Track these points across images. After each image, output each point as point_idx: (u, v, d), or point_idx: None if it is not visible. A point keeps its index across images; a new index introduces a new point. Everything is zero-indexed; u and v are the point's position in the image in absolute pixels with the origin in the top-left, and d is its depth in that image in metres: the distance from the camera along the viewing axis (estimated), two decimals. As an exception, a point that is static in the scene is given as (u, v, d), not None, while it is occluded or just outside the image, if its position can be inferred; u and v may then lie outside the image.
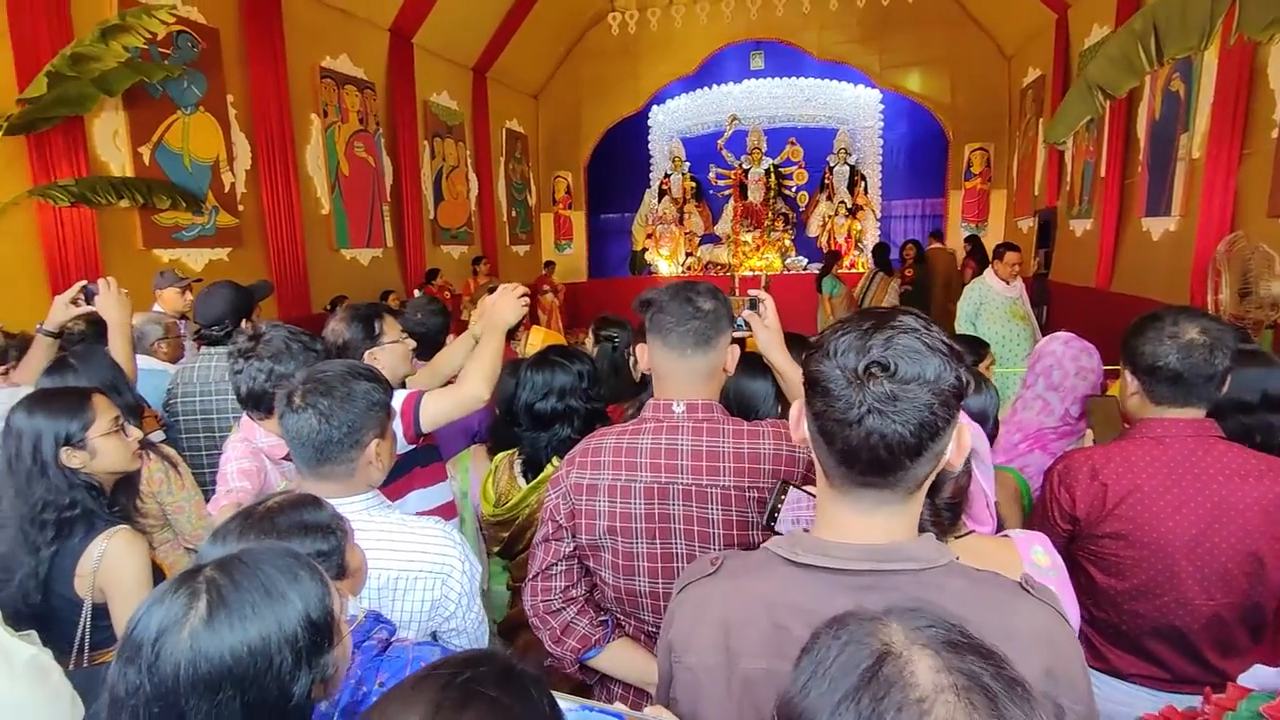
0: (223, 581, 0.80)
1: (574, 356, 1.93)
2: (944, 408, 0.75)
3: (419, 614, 1.35)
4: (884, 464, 0.76)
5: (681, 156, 12.39)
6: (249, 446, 1.82)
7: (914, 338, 0.76)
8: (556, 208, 12.18)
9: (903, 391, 0.74)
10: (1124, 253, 6.40)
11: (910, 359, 0.74)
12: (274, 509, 1.08)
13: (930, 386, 0.74)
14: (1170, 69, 5.47)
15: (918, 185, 11.73)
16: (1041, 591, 0.81)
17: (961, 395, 0.77)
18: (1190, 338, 1.45)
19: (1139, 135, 6.18)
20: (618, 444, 1.35)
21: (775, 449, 1.29)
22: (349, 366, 1.41)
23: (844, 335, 0.77)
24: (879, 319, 0.78)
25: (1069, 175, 7.79)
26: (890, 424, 0.74)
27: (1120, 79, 3.17)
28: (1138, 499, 1.46)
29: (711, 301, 1.33)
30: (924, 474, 0.80)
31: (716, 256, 12.07)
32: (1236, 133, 4.67)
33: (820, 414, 0.78)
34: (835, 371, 0.76)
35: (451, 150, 9.33)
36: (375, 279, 7.74)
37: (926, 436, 0.75)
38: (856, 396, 0.75)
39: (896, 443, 0.75)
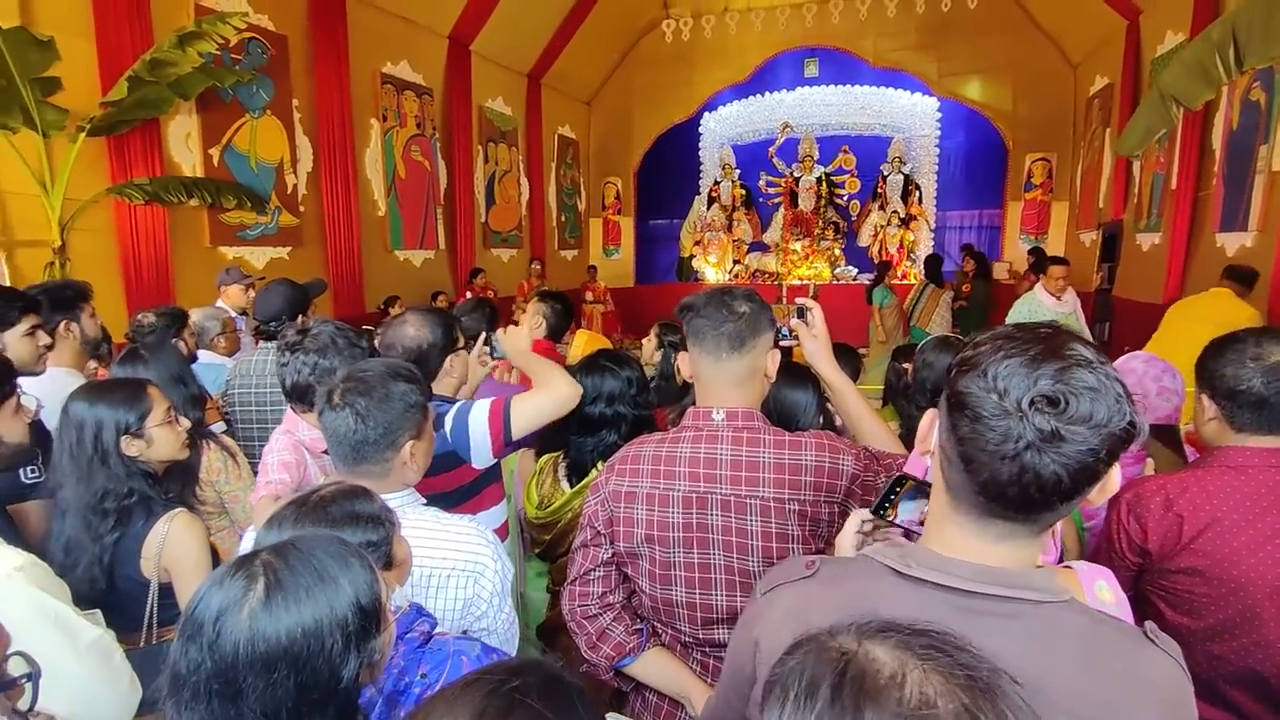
0: (279, 565, 0.82)
1: (623, 362, 1.91)
2: (1109, 454, 0.68)
3: (451, 611, 1.36)
4: (1032, 503, 0.70)
5: (732, 164, 12.33)
6: (292, 439, 1.84)
7: (1090, 372, 0.68)
8: (606, 213, 12.25)
9: (1070, 432, 0.66)
10: (1195, 268, 6.11)
11: (1084, 396, 0.67)
12: (327, 498, 1.10)
13: (1100, 429, 0.67)
14: (1250, 78, 5.21)
15: (974, 196, 11.43)
16: (1166, 643, 0.75)
17: (1131, 439, 0.69)
18: (1276, 360, 1.36)
19: (1214, 146, 5.90)
20: (657, 452, 1.34)
21: (818, 460, 1.27)
22: (389, 367, 1.42)
23: (1006, 358, 0.69)
24: (1047, 344, 0.69)
25: (1137, 187, 7.49)
26: (1049, 465, 0.67)
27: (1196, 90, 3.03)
28: (1217, 533, 1.37)
29: (747, 304, 1.31)
30: (1066, 514, 0.74)
31: (764, 265, 11.97)
32: (1323, 145, 4.42)
33: (965, 440, 0.71)
34: (991, 398, 0.69)
35: (504, 155, 9.45)
36: (427, 280, 7.89)
37: (1085, 481, 0.69)
38: (1016, 429, 0.67)
39: (1051, 485, 0.68)
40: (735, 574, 1.28)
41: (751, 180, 12.34)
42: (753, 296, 1.34)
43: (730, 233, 12.23)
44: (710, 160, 12.52)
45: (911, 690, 0.53)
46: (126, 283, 4.77)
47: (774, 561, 1.27)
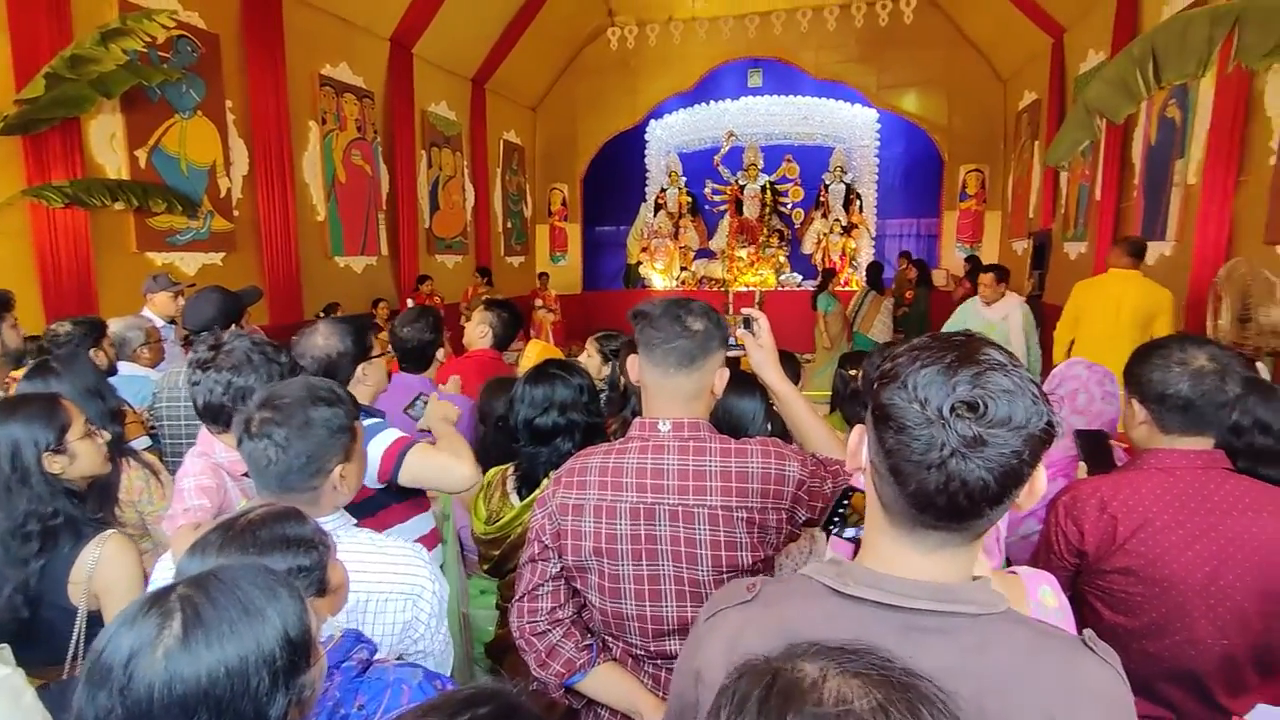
0: (198, 599, 0.76)
1: (573, 370, 1.89)
2: (1032, 455, 0.69)
3: (390, 635, 1.32)
4: (961, 511, 0.70)
5: (678, 171, 12.44)
6: (208, 461, 1.73)
7: (1004, 375, 0.69)
8: (552, 219, 12.19)
9: (991, 435, 0.67)
10: (1118, 276, 6.40)
11: (1001, 399, 0.67)
12: (255, 522, 1.04)
13: (1020, 431, 0.68)
14: (1166, 95, 5.51)
15: (913, 205, 11.80)
16: (1104, 650, 0.76)
17: (1051, 440, 0.70)
18: (1201, 365, 1.42)
19: (1135, 160, 6.21)
20: (604, 464, 1.32)
21: (764, 467, 1.27)
22: (308, 390, 1.34)
23: (924, 367, 0.70)
24: (962, 351, 0.70)
25: (1064, 198, 7.83)
26: (974, 470, 0.68)
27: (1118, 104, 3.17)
28: (1149, 533, 1.42)
29: (702, 322, 1.30)
30: (996, 519, 0.74)
31: (711, 271, 12.08)
32: (1233, 159, 4.69)
33: (893, 451, 0.71)
34: (914, 408, 0.69)
35: (448, 160, 9.31)
36: (369, 287, 7.69)
37: (1011, 484, 0.69)
38: (939, 437, 0.68)
39: (978, 489, 0.69)
40: (685, 584, 1.27)
41: (697, 188, 12.46)
42: (709, 313, 1.33)
43: (677, 240, 12.32)
44: (657, 168, 12.60)
45: (829, 692, 0.56)
46: (44, 291, 4.50)
47: (724, 570, 1.26)
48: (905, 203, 11.87)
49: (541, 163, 12.03)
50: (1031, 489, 0.73)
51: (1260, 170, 4.47)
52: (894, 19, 9.45)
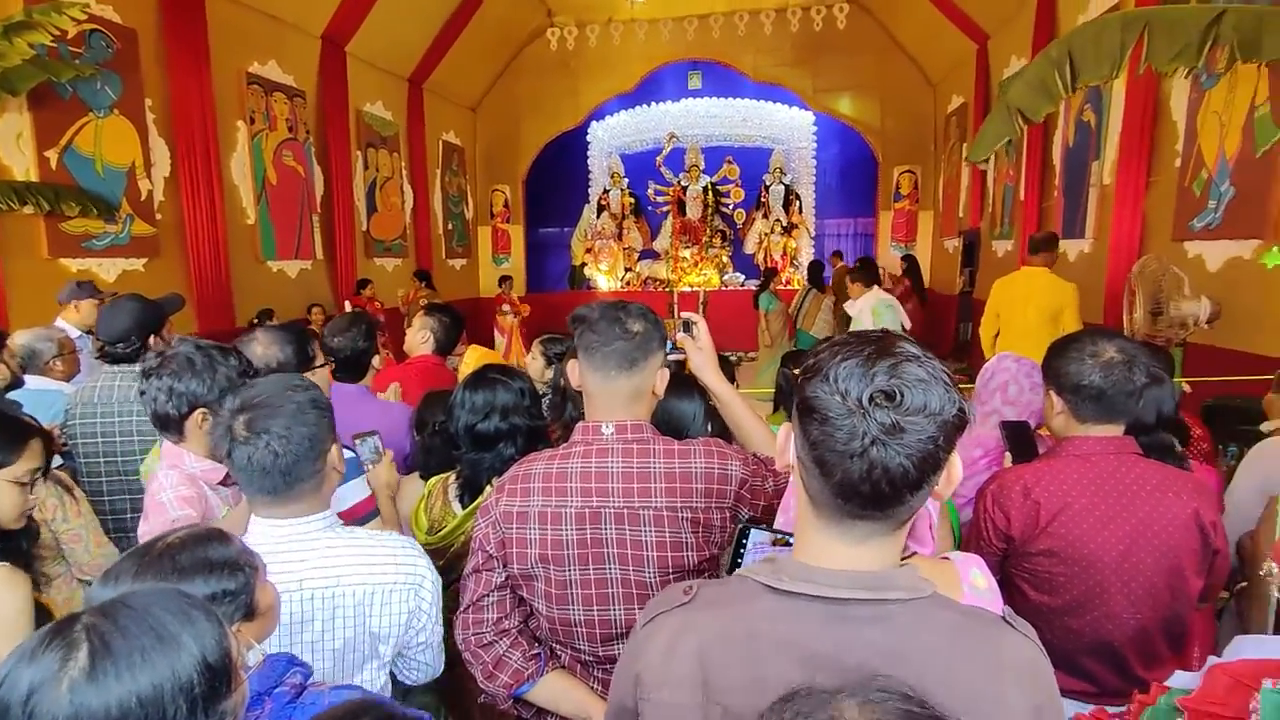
0: (105, 628, 0.72)
1: (513, 374, 1.88)
2: (947, 440, 0.72)
3: (397, 626, 1.34)
4: (884, 498, 0.73)
5: (620, 173, 12.46)
6: (181, 473, 1.67)
7: (919, 365, 0.72)
8: (494, 221, 12.05)
9: (908, 422, 0.70)
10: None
11: (917, 388, 0.71)
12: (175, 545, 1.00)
13: (935, 418, 0.71)
14: (1082, 99, 5.79)
15: (850, 205, 12.09)
16: (1023, 626, 0.80)
17: (963, 427, 0.74)
18: (1110, 356, 1.50)
19: (1055, 161, 6.50)
20: (547, 470, 1.31)
21: (707, 467, 1.28)
22: (284, 381, 1.35)
23: (844, 360, 0.73)
24: (879, 344, 0.74)
25: (991, 198, 8.14)
26: (894, 456, 0.71)
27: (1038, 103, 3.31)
28: (1069, 516, 1.49)
29: (641, 324, 1.31)
30: (918, 506, 0.77)
31: (655, 272, 12.14)
32: (1143, 160, 4.96)
33: (817, 443, 0.74)
34: (835, 399, 0.72)
35: (385, 161, 9.11)
36: (304, 292, 7.46)
37: (929, 469, 0.72)
38: (860, 426, 0.71)
39: (899, 475, 0.71)
40: (633, 587, 1.28)
41: (640, 189, 12.51)
42: (647, 315, 1.34)
43: (621, 241, 12.34)
44: (599, 169, 12.60)
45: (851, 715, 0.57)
46: (-56, 300, 4.22)
47: (670, 571, 1.27)
48: (842, 203, 12.16)
49: (483, 164, 11.89)
50: (949, 476, 0.76)
51: (1168, 171, 4.74)
52: (828, 24, 9.69)
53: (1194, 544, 1.47)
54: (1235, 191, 4.05)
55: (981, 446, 1.98)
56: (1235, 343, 3.85)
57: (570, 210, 12.67)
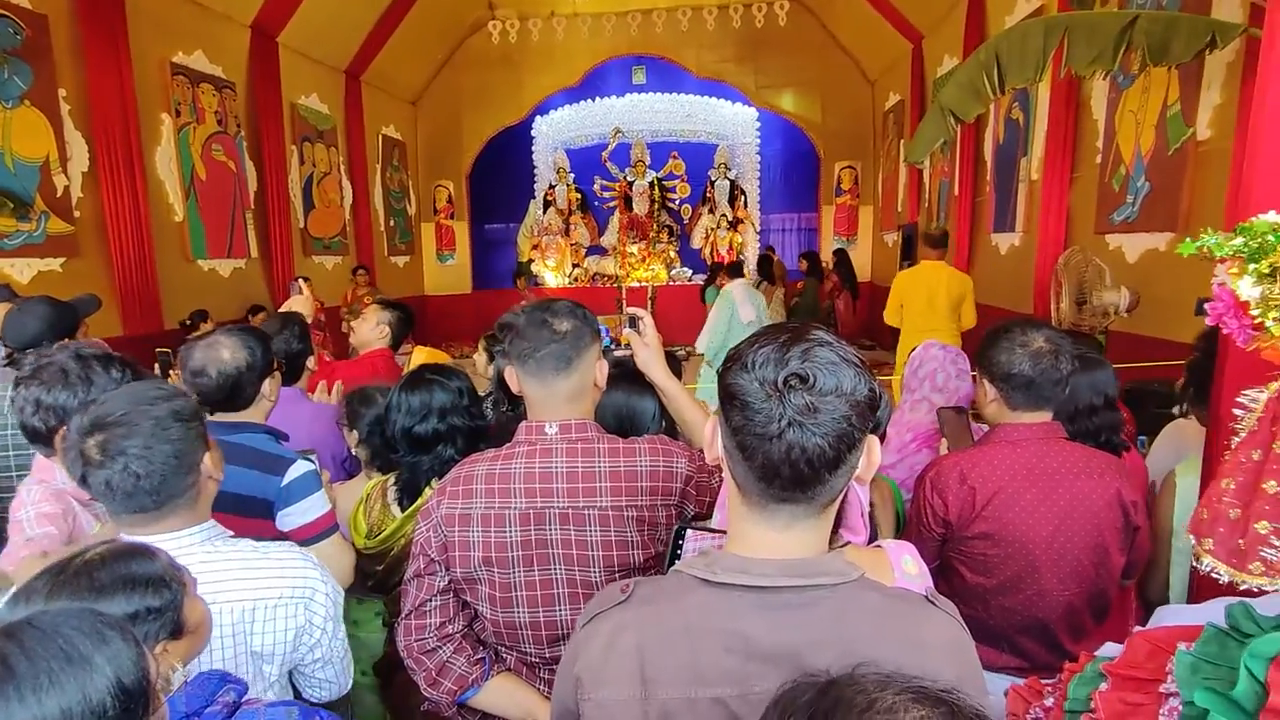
0: (9, 650, 0.69)
1: (450, 373, 1.86)
2: (860, 419, 0.76)
3: (282, 644, 1.26)
4: (804, 478, 0.76)
5: (566, 168, 12.37)
6: (48, 489, 1.57)
7: (829, 350, 0.76)
8: (438, 217, 11.83)
9: (822, 403, 0.74)
10: (977, 265, 6.94)
11: (828, 371, 0.74)
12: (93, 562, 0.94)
13: (847, 398, 0.75)
14: (1011, 98, 6.00)
15: (793, 200, 12.29)
16: (944, 604, 0.84)
17: (875, 407, 0.78)
18: (1039, 346, 1.56)
19: (986, 158, 6.73)
20: (490, 470, 1.30)
21: (652, 464, 1.29)
22: (139, 393, 1.23)
23: (761, 348, 0.76)
24: (794, 333, 0.78)
25: (928, 193, 8.38)
26: (810, 437, 0.74)
27: (969, 105, 3.43)
28: (1002, 500, 1.55)
29: (569, 321, 1.30)
30: (839, 488, 0.80)
31: (603, 268, 12.11)
32: (1067, 157, 5.18)
33: (739, 429, 0.77)
34: (754, 385, 0.75)
35: (323, 156, 8.85)
36: (239, 292, 7.19)
37: (845, 448, 0.75)
38: (776, 410, 0.74)
39: (816, 455, 0.74)
40: (579, 587, 1.28)
41: (586, 184, 12.45)
42: (574, 310, 1.33)
43: (568, 236, 12.26)
44: (544, 164, 12.49)
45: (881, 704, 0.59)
46: None
47: (615, 570, 1.27)
48: (786, 198, 12.35)
49: (425, 159, 11.65)
50: (869, 459, 0.80)
51: (1089, 167, 4.96)
52: (769, 21, 9.80)
53: (1117, 522, 1.55)
54: (1151, 187, 4.26)
55: (913, 431, 2.04)
56: (1153, 330, 4.06)
57: (516, 206, 12.54)
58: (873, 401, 0.77)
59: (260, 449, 1.70)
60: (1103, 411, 1.77)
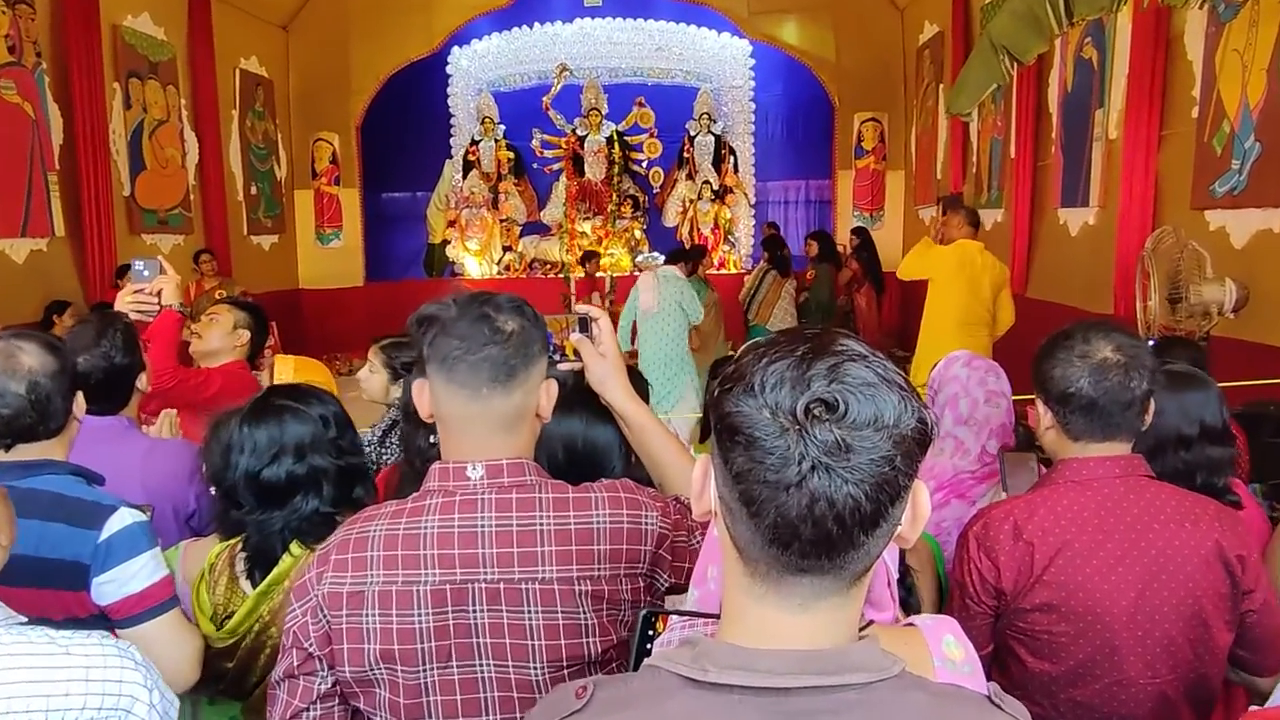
0: None
1: (308, 397, 1.86)
2: (906, 460, 0.74)
3: None
4: (832, 541, 0.74)
5: (494, 117, 12.38)
6: None
7: (865, 366, 0.74)
8: (318, 182, 11.75)
9: (857, 439, 0.72)
10: (1041, 250, 7.10)
11: (864, 395, 0.73)
12: None
13: (890, 432, 0.73)
14: (1082, 32, 6.18)
15: (799, 163, 12.45)
16: (1013, 707, 0.84)
17: (927, 442, 0.76)
18: (1103, 357, 1.61)
19: (1051, 110, 6.91)
20: (391, 531, 1.29)
21: (614, 520, 1.29)
22: None
23: (772, 363, 0.75)
24: (815, 342, 0.76)
25: (975, 155, 8.57)
26: (841, 485, 0.72)
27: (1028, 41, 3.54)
28: (1067, 559, 1.59)
29: (516, 319, 1.30)
30: (877, 552, 0.79)
31: (545, 252, 12.13)
32: (1154, 110, 5.34)
33: (744, 474, 0.75)
34: (764, 415, 0.73)
35: (157, 97, 8.73)
36: (37, 283, 7.03)
37: (887, 500, 0.74)
38: (795, 448, 0.72)
39: (849, 510, 0.73)
40: (513, 688, 1.27)
41: (522, 139, 12.47)
42: (523, 308, 1.34)
43: (497, 210, 12.25)
44: (464, 112, 12.48)
45: None
46: None
47: (563, 664, 1.27)
48: (790, 160, 12.50)
49: (300, 104, 11.57)
50: (914, 512, 0.79)
51: (1183, 123, 5.12)
52: (766, -76, 9.98)
53: (1220, 585, 1.59)
54: (1262, 149, 4.41)
55: (935, 478, 2.07)
56: (1264, 334, 4.19)
57: (425, 168, 12.51)
58: (923, 435, 0.75)
59: (68, 494, 1.67)
60: (1198, 444, 1.82)
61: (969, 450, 2.08)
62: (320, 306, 11.42)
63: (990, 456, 2.08)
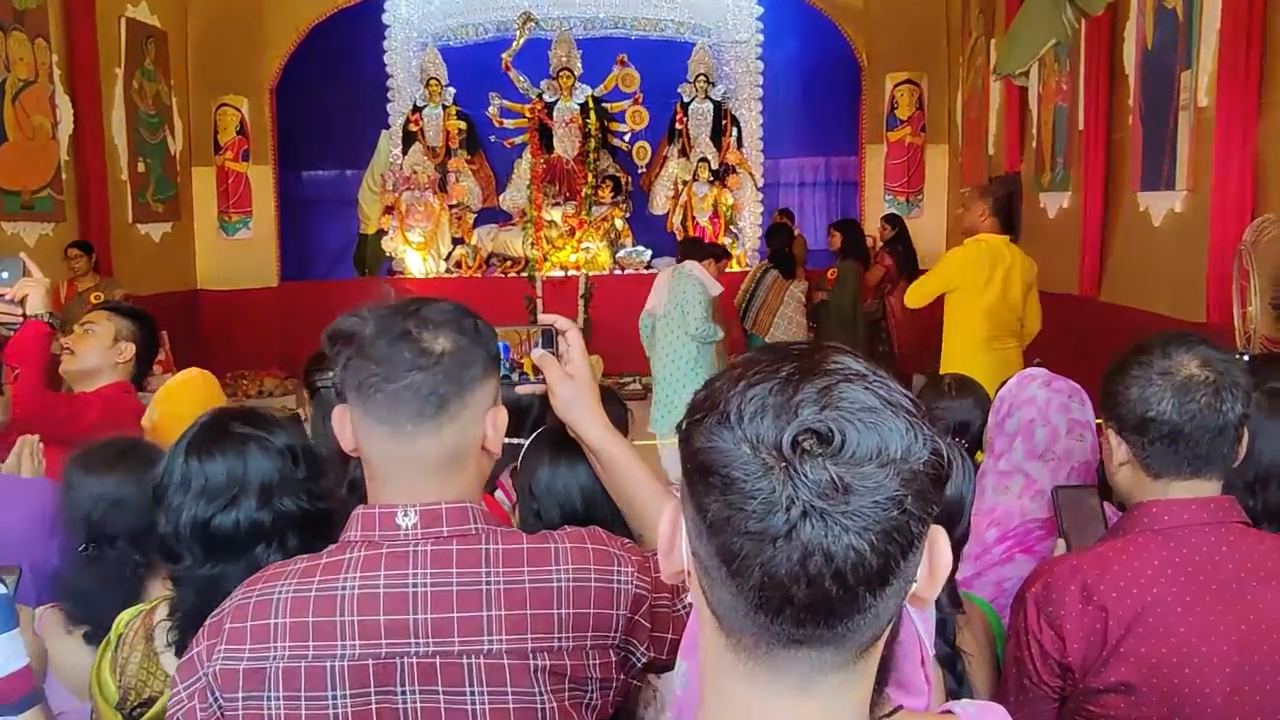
0: None
1: (271, 424, 1.85)
2: (919, 501, 0.74)
3: None
4: (832, 604, 0.74)
5: (441, 79, 12.37)
6: None
7: (863, 387, 0.74)
8: (222, 158, 11.74)
9: (857, 477, 0.71)
10: (1116, 243, 7.11)
11: (863, 423, 0.72)
12: None
13: (897, 467, 0.72)
14: (1164, -24, 6.22)
15: (818, 136, 12.55)
16: None
17: (942, 479, 0.76)
18: (1188, 374, 1.61)
19: (1127, 71, 6.93)
20: (300, 594, 1.29)
21: (578, 578, 1.29)
22: None
23: (751, 386, 0.75)
24: (803, 359, 0.76)
25: (1035, 127, 8.60)
26: (841, 534, 0.71)
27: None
28: (1149, 627, 1.58)
29: (449, 337, 1.31)
30: (888, 616, 0.78)
31: (505, 246, 12.10)
32: (1253, 72, 5.34)
33: (720, 524, 0.74)
34: (743, 450, 0.73)
35: (23, 53, 8.73)
36: None
37: (897, 551, 0.73)
38: (782, 490, 0.71)
39: (851, 565, 0.72)
40: None
41: (476, 106, 12.46)
42: (462, 320, 1.34)
43: (445, 193, 12.22)
44: (404, 72, 12.51)
45: None
46: None
47: None
48: (808, 133, 12.59)
49: (201, 61, 11.56)
50: (932, 564, 0.79)
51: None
52: None
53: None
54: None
55: (998, 524, 2.09)
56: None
57: (357, 142, 12.54)
58: (937, 470, 0.75)
59: None
60: None
61: (1043, 491, 2.08)
62: (224, 312, 11.38)
63: None
